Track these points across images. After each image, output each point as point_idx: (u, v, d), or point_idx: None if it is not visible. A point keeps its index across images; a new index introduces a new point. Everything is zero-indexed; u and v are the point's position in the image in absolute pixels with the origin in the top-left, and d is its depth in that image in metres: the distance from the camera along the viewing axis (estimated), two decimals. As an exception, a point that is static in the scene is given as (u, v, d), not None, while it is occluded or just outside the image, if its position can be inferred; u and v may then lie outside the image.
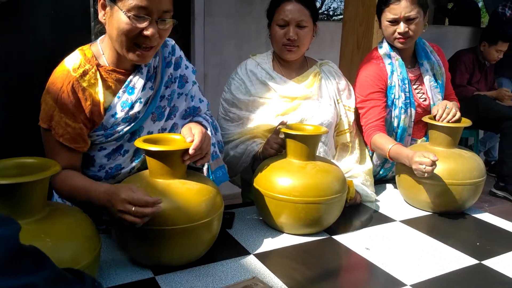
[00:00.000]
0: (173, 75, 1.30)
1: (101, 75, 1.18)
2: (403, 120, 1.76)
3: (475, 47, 4.01)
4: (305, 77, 1.66)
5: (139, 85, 1.21)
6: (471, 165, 1.49)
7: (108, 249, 1.18)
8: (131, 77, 1.21)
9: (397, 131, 1.77)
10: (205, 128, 1.32)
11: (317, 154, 1.44)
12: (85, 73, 1.16)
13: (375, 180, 1.82)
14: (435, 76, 1.82)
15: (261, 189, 1.31)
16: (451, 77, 3.81)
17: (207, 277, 1.07)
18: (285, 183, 1.27)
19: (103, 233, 1.29)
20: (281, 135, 1.45)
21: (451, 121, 1.55)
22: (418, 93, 1.81)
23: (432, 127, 1.57)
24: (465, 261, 1.21)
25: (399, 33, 1.71)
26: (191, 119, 1.36)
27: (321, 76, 1.68)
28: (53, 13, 1.41)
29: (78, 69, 1.16)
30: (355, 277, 1.14)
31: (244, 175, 1.73)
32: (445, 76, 1.87)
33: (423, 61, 1.82)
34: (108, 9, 1.11)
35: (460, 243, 1.31)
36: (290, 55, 1.61)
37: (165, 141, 1.15)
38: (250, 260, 1.16)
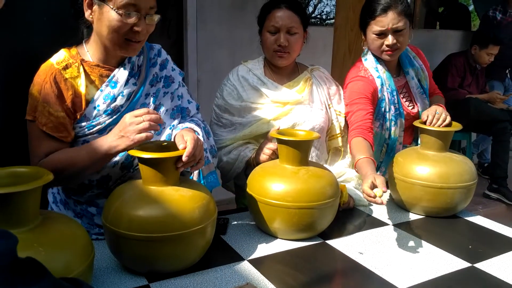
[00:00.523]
0: (158, 75, 1.35)
1: (85, 70, 1.24)
2: (394, 131, 1.74)
3: (466, 51, 4.05)
4: (296, 83, 1.68)
5: (122, 79, 1.26)
6: (462, 169, 1.50)
7: (102, 257, 1.18)
8: (114, 72, 1.26)
9: (388, 142, 1.76)
10: (197, 134, 1.33)
11: (310, 158, 1.45)
12: (68, 66, 1.22)
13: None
14: (420, 81, 1.81)
15: (254, 195, 1.32)
16: (442, 81, 3.83)
17: (201, 284, 1.07)
18: (278, 189, 1.28)
19: (96, 239, 1.29)
20: (274, 141, 1.45)
21: (441, 126, 1.56)
22: (405, 101, 1.80)
23: (422, 132, 1.58)
24: (458, 264, 1.22)
25: (387, 46, 1.67)
26: (180, 119, 1.38)
27: (312, 81, 1.70)
28: (45, 16, 1.42)
29: (61, 62, 1.22)
30: (349, 282, 1.15)
31: (237, 181, 1.74)
32: (427, 73, 1.85)
33: (408, 69, 1.80)
34: (95, 7, 1.17)
35: (452, 246, 1.32)
36: (281, 61, 1.62)
37: (158, 149, 1.16)
38: (244, 266, 1.17)
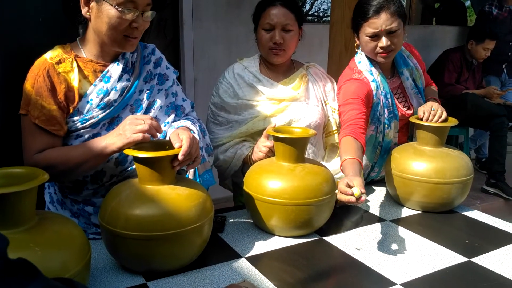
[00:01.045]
0: (152, 72, 1.37)
1: (78, 65, 1.25)
2: (387, 134, 1.73)
3: (462, 46, 4.05)
4: (292, 80, 1.68)
5: (116, 74, 1.27)
6: (459, 164, 1.51)
7: (99, 256, 1.18)
8: (108, 67, 1.28)
9: (382, 145, 1.75)
10: (193, 132, 1.33)
11: (306, 155, 1.45)
12: (61, 61, 1.24)
13: (365, 182, 1.83)
14: (414, 81, 1.79)
15: (252, 192, 1.32)
16: (439, 76, 3.81)
17: (199, 282, 1.08)
18: (275, 186, 1.28)
19: (93, 238, 1.29)
20: (270, 139, 1.45)
21: (437, 121, 1.56)
22: (400, 102, 1.77)
23: (419, 127, 1.58)
24: (455, 259, 1.22)
25: (381, 48, 1.62)
26: (175, 117, 1.39)
27: (308, 78, 1.70)
28: (40, 16, 1.41)
29: (55, 58, 1.23)
30: (346, 278, 1.15)
31: (235, 179, 1.74)
32: (421, 71, 1.83)
33: (403, 69, 1.77)
34: (93, 4, 1.18)
35: (449, 241, 1.33)
36: (276, 58, 1.62)
37: (154, 147, 1.16)
38: (241, 263, 1.17)
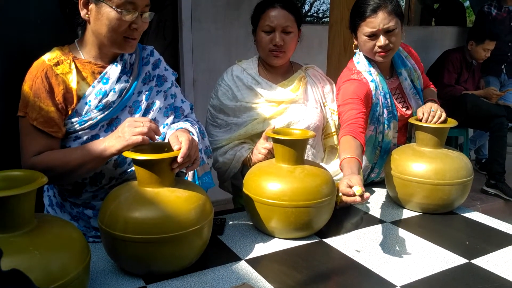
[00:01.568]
0: (151, 73, 1.37)
1: (77, 67, 1.25)
2: (387, 134, 1.73)
3: (462, 47, 4.05)
4: (290, 82, 1.68)
5: (114, 76, 1.27)
6: (458, 165, 1.51)
7: (98, 259, 1.18)
8: (107, 69, 1.28)
9: (382, 145, 1.75)
10: (192, 134, 1.33)
11: (306, 157, 1.45)
12: (59, 62, 1.24)
13: (365, 183, 1.83)
14: (412, 82, 1.79)
15: (251, 194, 1.32)
16: (439, 77, 3.81)
17: (199, 284, 1.07)
18: (274, 188, 1.28)
19: (92, 241, 1.29)
20: (269, 141, 1.45)
21: (437, 122, 1.56)
22: (399, 103, 1.77)
23: (418, 128, 1.58)
24: (455, 260, 1.22)
25: (380, 47, 1.63)
26: (174, 119, 1.39)
27: (307, 80, 1.70)
28: (39, 18, 1.41)
29: (53, 59, 1.24)
30: (346, 280, 1.15)
31: (234, 181, 1.74)
32: (419, 71, 1.83)
33: (401, 69, 1.77)
34: (92, 6, 1.19)
35: (449, 242, 1.32)
36: (276, 60, 1.62)
37: (153, 150, 1.16)
38: (241, 266, 1.17)
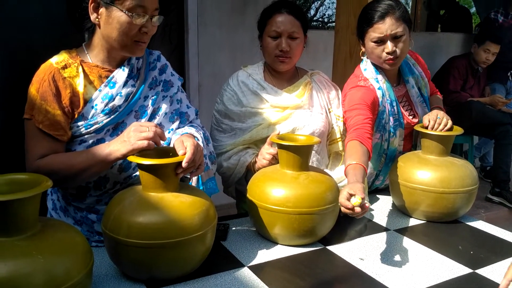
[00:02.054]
0: (157, 78, 1.37)
1: (84, 70, 1.25)
2: (392, 142, 1.72)
3: (468, 53, 4.04)
4: (296, 87, 1.68)
5: (121, 80, 1.27)
6: (464, 173, 1.50)
7: (101, 264, 1.18)
8: (114, 73, 1.28)
9: (387, 153, 1.74)
10: (197, 139, 1.32)
11: (310, 163, 1.44)
12: (67, 66, 1.24)
13: (369, 190, 1.82)
14: (420, 89, 1.78)
15: (255, 200, 1.32)
16: (444, 83, 3.79)
17: (201, 291, 1.07)
18: (278, 194, 1.27)
19: (96, 246, 1.29)
20: (274, 146, 1.45)
21: (443, 130, 1.55)
22: (406, 111, 1.76)
23: (424, 136, 1.57)
24: (459, 270, 1.21)
25: (387, 53, 1.61)
26: (179, 124, 1.39)
27: (312, 85, 1.70)
28: (44, 21, 1.42)
29: (60, 62, 1.24)
30: (349, 288, 1.14)
31: (238, 186, 1.73)
32: (426, 79, 1.82)
33: (408, 77, 1.76)
34: (102, 10, 1.19)
35: (454, 251, 1.31)
36: (282, 66, 1.62)
37: (158, 154, 1.16)
38: (244, 272, 1.16)
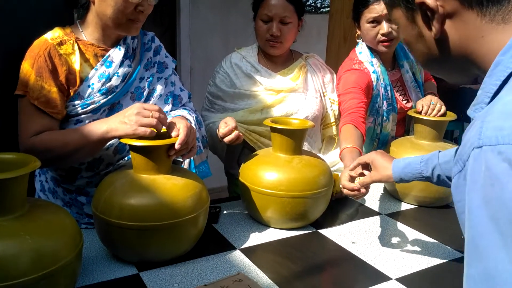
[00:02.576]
0: (152, 60, 1.36)
1: (80, 48, 1.23)
2: (385, 127, 1.72)
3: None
4: (290, 70, 1.66)
5: (117, 59, 1.26)
6: (456, 159, 1.50)
7: (91, 246, 1.16)
8: (110, 52, 1.26)
9: (380, 137, 1.75)
10: (189, 122, 1.31)
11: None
12: (62, 42, 1.21)
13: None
14: (414, 75, 1.78)
15: (247, 184, 1.31)
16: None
17: (193, 273, 1.06)
18: (271, 178, 1.27)
19: (85, 228, 1.27)
20: (231, 122, 1.38)
21: (436, 116, 1.55)
22: (400, 96, 1.77)
23: (417, 121, 1.57)
24: (450, 254, 1.22)
25: (383, 35, 1.61)
26: (172, 106, 1.37)
27: (307, 69, 1.68)
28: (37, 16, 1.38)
29: (56, 39, 1.21)
30: (341, 271, 1.14)
31: (230, 170, 1.72)
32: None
33: (403, 61, 1.76)
34: None
35: (445, 236, 1.32)
36: (273, 50, 1.59)
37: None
38: (236, 255, 1.16)
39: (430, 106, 1.57)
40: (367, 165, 1.17)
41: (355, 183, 1.16)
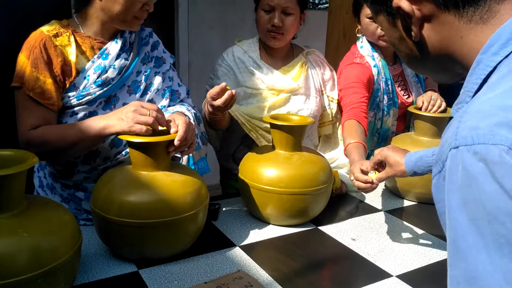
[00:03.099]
0: (149, 54, 1.36)
1: (76, 40, 1.23)
2: (386, 121, 1.72)
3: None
4: (291, 67, 1.63)
5: (114, 52, 1.26)
6: (456, 155, 1.49)
7: (90, 243, 1.15)
8: (107, 45, 1.26)
9: (380, 132, 1.74)
10: (188, 118, 1.30)
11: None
12: (58, 34, 1.21)
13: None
14: None
15: (247, 180, 1.30)
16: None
17: (192, 270, 1.06)
18: (271, 174, 1.26)
19: (84, 224, 1.27)
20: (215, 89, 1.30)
21: (436, 112, 1.55)
22: (401, 90, 1.77)
23: (417, 117, 1.56)
24: (450, 251, 1.21)
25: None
26: (169, 102, 1.36)
27: (308, 66, 1.66)
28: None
29: (52, 30, 1.21)
30: (341, 268, 1.14)
31: (224, 164, 1.71)
32: None
33: None
34: None
35: (445, 233, 1.32)
36: (274, 42, 1.56)
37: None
38: (236, 252, 1.15)
39: (430, 102, 1.57)
40: (380, 162, 1.20)
41: (370, 178, 1.18)
